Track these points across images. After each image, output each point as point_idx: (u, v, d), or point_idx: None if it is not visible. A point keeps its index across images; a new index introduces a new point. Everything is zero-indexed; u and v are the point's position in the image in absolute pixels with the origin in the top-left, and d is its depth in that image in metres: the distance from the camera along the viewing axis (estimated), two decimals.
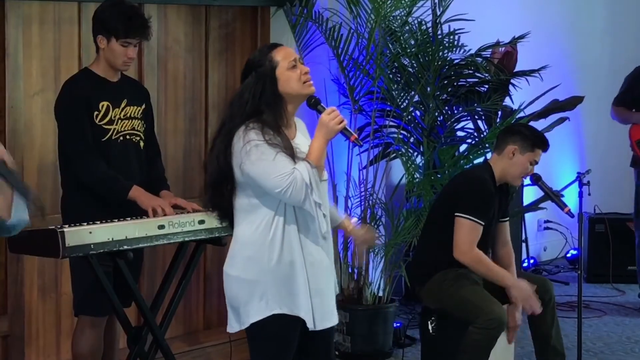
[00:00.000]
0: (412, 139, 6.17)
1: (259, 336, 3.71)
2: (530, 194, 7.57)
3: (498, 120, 6.48)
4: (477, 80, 6.23)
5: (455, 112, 6.18)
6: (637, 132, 6.92)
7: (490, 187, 5.09)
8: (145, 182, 4.66)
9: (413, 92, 6.07)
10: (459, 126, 6.26)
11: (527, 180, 5.43)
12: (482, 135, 6.26)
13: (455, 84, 6.19)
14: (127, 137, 4.59)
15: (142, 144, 4.65)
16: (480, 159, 6.17)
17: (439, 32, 6.05)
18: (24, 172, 4.93)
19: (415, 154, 6.19)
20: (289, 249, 3.65)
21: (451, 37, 6.01)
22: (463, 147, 6.26)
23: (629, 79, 7.01)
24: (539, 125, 6.75)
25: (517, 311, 5.07)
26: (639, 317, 6.99)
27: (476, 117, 6.35)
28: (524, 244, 7.97)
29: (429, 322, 5.16)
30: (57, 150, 4.58)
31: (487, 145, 6.10)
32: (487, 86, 6.21)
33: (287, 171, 3.55)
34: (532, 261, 8.18)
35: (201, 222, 4.51)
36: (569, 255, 8.48)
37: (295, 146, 3.65)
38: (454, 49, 6.04)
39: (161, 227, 4.39)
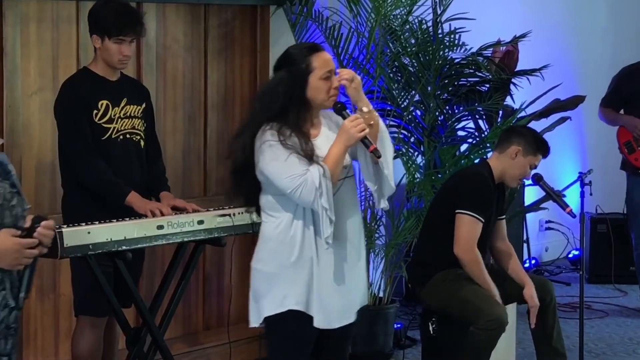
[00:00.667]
0: (412, 139, 6.15)
1: (275, 331, 3.78)
2: (531, 194, 7.53)
3: (499, 119, 6.46)
4: (478, 79, 6.22)
5: (456, 111, 6.16)
6: (625, 135, 6.86)
7: (489, 183, 5.07)
8: (145, 182, 4.64)
9: (413, 92, 6.05)
10: (460, 126, 6.24)
11: (528, 181, 5.41)
12: (483, 135, 6.24)
13: (456, 83, 6.18)
14: (128, 136, 4.57)
15: (142, 143, 4.64)
16: None
17: (440, 31, 6.03)
18: (22, 171, 4.91)
19: (416, 153, 6.16)
20: (309, 247, 3.72)
21: (452, 36, 6.00)
22: (464, 147, 6.24)
23: (617, 79, 6.93)
24: (540, 124, 6.72)
25: (532, 292, 5.07)
26: None
27: (477, 116, 6.33)
28: (525, 245, 7.94)
29: (430, 323, 5.13)
30: (57, 150, 4.56)
31: (488, 145, 6.07)
32: (488, 85, 6.19)
33: (299, 172, 3.62)
34: (533, 262, 8.15)
35: (200, 222, 4.49)
36: (570, 255, 8.45)
37: (314, 147, 3.69)
38: (455, 48, 6.03)
39: (160, 227, 4.37)
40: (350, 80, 3.73)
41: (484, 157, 5.72)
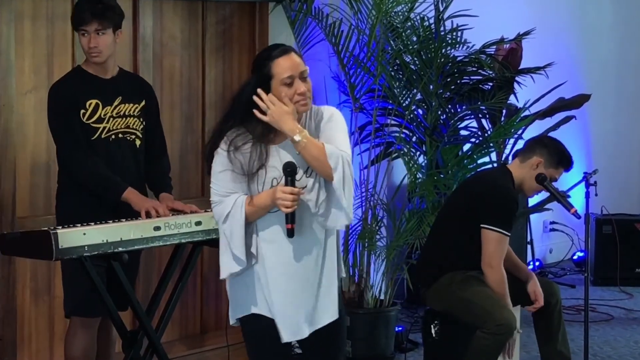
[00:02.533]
0: (414, 138, 6.11)
1: (243, 333, 3.84)
2: None
3: (502, 118, 6.43)
4: (481, 77, 6.21)
5: (459, 110, 6.14)
6: None
7: (516, 197, 5.00)
8: (143, 181, 4.59)
9: (415, 90, 6.01)
10: (463, 125, 6.22)
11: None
12: (486, 134, 6.22)
13: (458, 81, 6.16)
14: (120, 135, 4.50)
15: (138, 142, 4.57)
16: (485, 159, 6.10)
17: (442, 28, 6.01)
18: (16, 171, 4.86)
19: (418, 153, 6.13)
20: (261, 255, 3.66)
21: (454, 33, 5.98)
22: (467, 147, 6.19)
23: None
24: (545, 123, 6.69)
25: (537, 285, 5.03)
26: None
27: (480, 115, 6.32)
28: (529, 246, 7.88)
29: (432, 326, 5.07)
30: (56, 151, 4.51)
31: (491, 144, 6.02)
32: (491, 84, 6.19)
33: (221, 192, 3.58)
34: (537, 263, 8.10)
35: (198, 223, 4.44)
36: (575, 257, 8.42)
37: (266, 159, 3.56)
38: (457, 46, 6.01)
39: (157, 228, 4.32)
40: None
41: (488, 156, 5.67)
